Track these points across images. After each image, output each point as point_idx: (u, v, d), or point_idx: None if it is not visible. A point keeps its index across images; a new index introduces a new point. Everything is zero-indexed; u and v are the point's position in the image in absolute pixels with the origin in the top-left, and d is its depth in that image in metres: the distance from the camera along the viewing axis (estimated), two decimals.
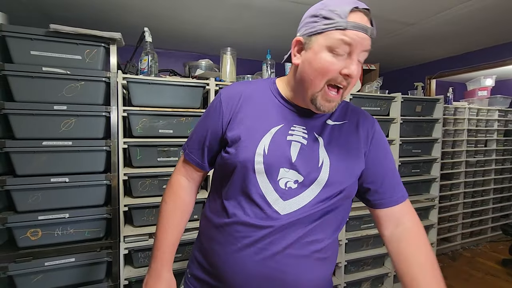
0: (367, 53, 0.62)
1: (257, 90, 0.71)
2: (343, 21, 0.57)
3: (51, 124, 1.15)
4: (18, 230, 1.12)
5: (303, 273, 0.62)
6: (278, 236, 0.61)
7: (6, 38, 1.09)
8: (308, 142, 0.65)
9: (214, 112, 0.70)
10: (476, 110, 3.23)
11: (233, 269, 0.63)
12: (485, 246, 3.24)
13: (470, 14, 1.88)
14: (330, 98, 0.62)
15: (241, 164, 0.63)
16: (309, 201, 0.62)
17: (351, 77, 0.59)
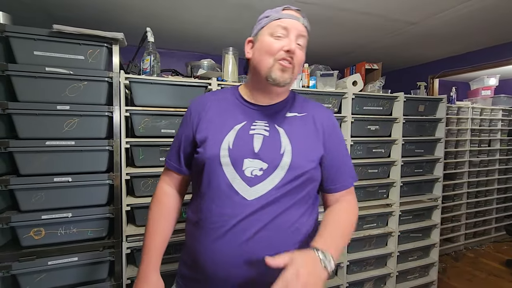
0: (305, 39, 0.75)
1: (222, 97, 0.82)
2: (278, 14, 0.73)
3: (54, 124, 1.15)
4: (21, 229, 1.13)
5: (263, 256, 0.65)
6: (248, 222, 0.67)
7: (9, 39, 1.09)
8: (270, 133, 0.74)
9: (185, 121, 0.81)
10: (480, 109, 3.21)
11: (212, 260, 0.68)
12: (489, 246, 3.22)
13: (472, 13, 1.87)
14: (283, 68, 0.71)
15: (209, 159, 0.71)
16: (275, 185, 0.69)
17: (291, 52, 0.70)
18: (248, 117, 0.76)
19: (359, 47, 2.63)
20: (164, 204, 0.82)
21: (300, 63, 0.74)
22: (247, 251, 0.66)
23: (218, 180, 0.69)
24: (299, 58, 0.73)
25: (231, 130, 0.73)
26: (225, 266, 0.67)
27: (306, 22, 0.75)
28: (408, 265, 2.04)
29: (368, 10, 1.83)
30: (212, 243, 0.68)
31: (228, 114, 0.77)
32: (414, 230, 2.08)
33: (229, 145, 0.71)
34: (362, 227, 1.91)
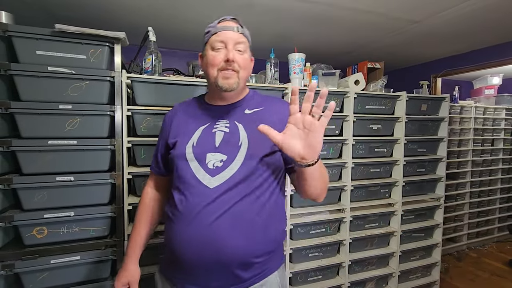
0: (244, 44, 0.84)
1: (189, 105, 0.95)
2: (214, 28, 0.83)
3: (56, 123, 1.16)
4: (24, 228, 1.13)
5: (230, 240, 0.74)
6: (211, 207, 0.75)
7: (12, 38, 1.10)
8: (230, 129, 0.84)
9: (161, 129, 0.96)
10: (483, 108, 3.19)
11: (181, 243, 0.77)
12: (492, 246, 3.20)
13: (475, 12, 1.86)
14: (225, 75, 0.81)
15: (177, 157, 0.83)
16: (233, 173, 0.77)
17: (230, 60, 0.79)
18: (211, 118, 0.88)
19: (361, 46, 2.62)
20: (145, 205, 0.96)
21: (244, 66, 0.83)
22: (210, 234, 0.74)
23: (186, 174, 0.80)
24: (240, 62, 0.82)
25: (196, 131, 0.85)
26: (192, 247, 0.75)
27: (242, 29, 0.85)
28: (410, 265, 2.04)
29: (370, 9, 1.82)
30: (181, 229, 0.77)
31: (194, 118, 0.89)
32: (416, 230, 2.07)
33: (193, 144, 0.83)
34: (363, 227, 1.91)
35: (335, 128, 1.79)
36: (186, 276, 0.78)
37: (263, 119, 0.84)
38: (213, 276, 0.76)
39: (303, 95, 1.73)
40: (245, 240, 0.75)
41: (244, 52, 0.84)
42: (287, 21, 2.02)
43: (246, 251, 0.76)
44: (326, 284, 1.78)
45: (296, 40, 2.41)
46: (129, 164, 1.37)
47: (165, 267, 0.86)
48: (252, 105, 0.90)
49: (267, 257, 0.81)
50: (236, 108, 0.89)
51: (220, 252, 0.74)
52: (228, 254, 0.74)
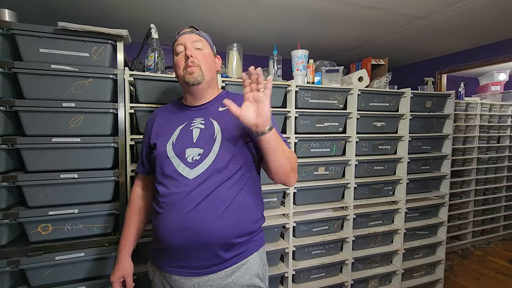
0: (202, 42, 0.95)
1: (168, 108, 1.04)
2: (175, 39, 0.96)
3: (60, 121, 1.16)
4: (29, 225, 1.15)
5: (209, 223, 0.81)
6: (190, 196, 0.82)
7: (15, 36, 1.10)
8: (205, 126, 0.92)
9: (144, 132, 1.04)
10: (489, 105, 3.15)
11: (164, 231, 0.84)
12: (497, 244, 3.18)
13: (481, 7, 1.83)
14: (188, 71, 0.90)
15: (159, 155, 0.90)
16: (210, 164, 0.85)
17: (189, 56, 0.90)
18: (188, 118, 0.95)
19: (365, 43, 2.59)
20: (134, 204, 1.02)
21: (204, 60, 0.93)
22: (192, 218, 0.81)
23: (168, 169, 0.87)
24: (200, 57, 0.92)
25: (175, 130, 0.93)
26: (175, 233, 0.82)
27: (197, 31, 0.96)
28: (414, 263, 2.03)
29: (374, 5, 1.80)
30: (165, 217, 0.84)
31: (173, 119, 0.97)
32: (420, 228, 2.06)
33: (173, 142, 0.90)
34: (367, 225, 1.90)
35: (338, 125, 1.78)
36: (172, 260, 0.86)
37: (231, 115, 0.86)
38: (196, 257, 0.83)
39: (307, 92, 1.72)
40: (225, 221, 0.83)
41: (202, 49, 0.94)
42: (290, 17, 2.01)
43: (226, 232, 0.83)
44: (329, 281, 1.78)
45: (299, 37, 2.40)
46: (132, 162, 1.37)
47: (154, 254, 0.93)
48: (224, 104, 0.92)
49: (247, 238, 0.89)
50: (210, 106, 0.97)
51: (201, 234, 0.81)
52: (210, 236, 0.81)
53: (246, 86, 0.80)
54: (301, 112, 1.64)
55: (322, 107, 1.73)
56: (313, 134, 1.70)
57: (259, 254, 0.93)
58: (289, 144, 1.34)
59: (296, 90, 1.62)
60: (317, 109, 1.70)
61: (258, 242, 0.93)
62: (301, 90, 1.65)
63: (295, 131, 1.64)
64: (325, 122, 1.74)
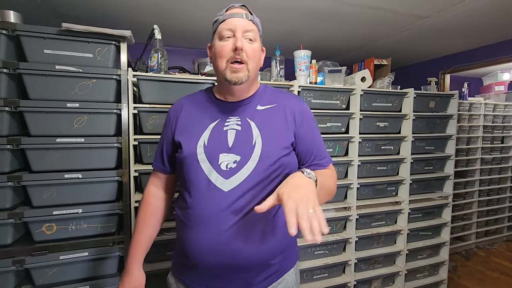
0: (254, 32, 0.78)
1: (196, 99, 0.88)
2: (222, 16, 0.77)
3: (64, 121, 1.17)
4: (34, 224, 1.16)
5: (248, 245, 0.73)
6: (226, 214, 0.72)
7: (20, 37, 1.11)
8: (242, 127, 0.78)
9: (166, 124, 0.88)
10: (493, 105, 3.13)
11: (193, 247, 0.74)
12: (501, 245, 3.15)
13: (485, 6, 1.82)
14: (234, 69, 0.75)
15: (187, 158, 0.77)
16: (248, 175, 0.73)
17: (239, 48, 0.73)
18: (221, 115, 0.82)
19: (368, 43, 2.58)
20: (149, 205, 0.89)
21: (253, 57, 0.77)
22: (224, 242, 0.72)
23: (197, 176, 0.75)
24: (249, 52, 0.76)
25: (206, 129, 0.79)
26: (207, 253, 0.73)
27: (251, 16, 0.78)
28: (418, 264, 2.02)
29: (377, 5, 1.79)
30: (196, 233, 0.74)
31: (203, 113, 0.83)
32: (424, 228, 2.05)
33: (204, 143, 0.77)
34: (370, 225, 1.89)
35: (341, 125, 1.78)
36: (203, 279, 0.76)
37: (276, 116, 0.81)
38: (230, 278, 0.75)
39: (309, 92, 1.72)
40: (261, 246, 0.74)
41: (254, 41, 0.78)
42: (293, 18, 2.01)
43: (262, 256, 0.75)
44: (332, 282, 1.78)
45: (301, 37, 2.39)
46: (136, 162, 1.38)
47: (179, 269, 0.83)
48: (264, 101, 0.84)
49: (283, 256, 0.80)
50: (248, 104, 0.83)
51: (238, 257, 0.72)
52: (248, 260, 0.73)
53: None
54: None
55: (325, 107, 1.73)
56: None
57: (295, 269, 0.84)
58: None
59: (298, 90, 1.62)
60: (319, 109, 1.70)
61: (294, 256, 0.86)
62: (303, 90, 1.65)
63: None
64: (328, 122, 1.74)
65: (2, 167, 1.11)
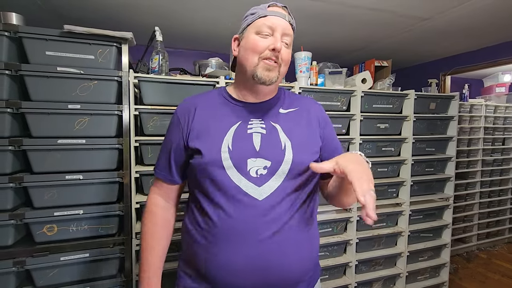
0: (291, 37, 0.74)
1: (210, 99, 0.78)
2: (264, 11, 0.71)
3: (65, 122, 1.17)
4: (35, 225, 1.16)
5: (290, 258, 0.68)
6: (263, 223, 0.66)
7: (22, 39, 1.12)
8: (267, 131, 0.73)
9: (173, 128, 0.77)
10: (494, 107, 3.13)
11: (222, 268, 0.66)
12: (502, 247, 3.14)
13: (486, 8, 1.82)
14: (268, 66, 0.70)
15: (210, 165, 0.68)
16: (282, 182, 0.68)
17: (277, 51, 0.69)
18: (242, 116, 0.75)
19: (369, 44, 2.59)
20: (158, 216, 0.78)
21: (286, 62, 0.74)
22: (262, 254, 0.65)
23: (224, 184, 0.67)
24: (284, 57, 0.72)
25: (228, 132, 0.71)
26: (239, 273, 0.65)
27: (292, 19, 0.75)
28: (419, 266, 2.01)
29: (378, 7, 1.80)
30: (224, 250, 0.66)
31: (220, 115, 0.74)
32: (425, 230, 2.04)
33: (229, 147, 0.69)
34: (371, 227, 1.89)
35: (342, 127, 1.78)
36: None
37: (301, 120, 0.78)
38: None
39: (310, 94, 1.72)
40: (297, 260, 0.70)
41: (289, 46, 0.74)
42: (295, 19, 2.01)
43: (298, 272, 0.70)
44: (332, 284, 1.77)
45: (302, 39, 2.40)
46: (137, 163, 1.38)
47: None
48: (286, 104, 0.80)
49: (314, 270, 0.77)
50: (269, 106, 0.77)
51: (272, 275, 0.66)
52: (281, 277, 0.67)
53: None
54: None
55: (326, 109, 1.69)
56: None
57: (320, 281, 0.81)
58: None
59: (299, 91, 1.62)
60: None
61: (318, 268, 0.81)
62: (304, 92, 1.65)
63: None
64: None
65: (4, 168, 1.11)
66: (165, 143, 0.79)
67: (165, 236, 0.78)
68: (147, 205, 0.80)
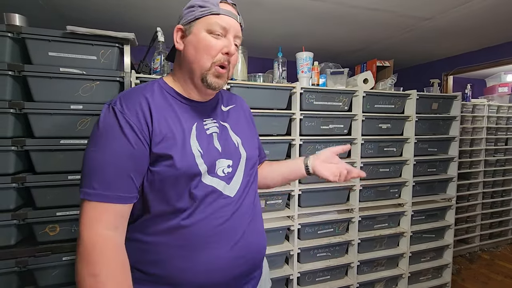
0: (240, 40, 0.73)
1: (156, 96, 0.69)
2: (216, 7, 0.67)
3: (68, 123, 1.18)
4: (37, 225, 1.16)
5: (259, 237, 0.76)
6: (237, 217, 0.70)
7: (25, 40, 1.12)
8: (219, 130, 0.74)
9: (123, 132, 0.61)
10: (496, 107, 3.11)
11: (206, 269, 0.65)
12: (505, 248, 3.12)
13: (489, 8, 1.81)
14: (219, 74, 0.69)
15: (186, 171, 0.64)
16: (242, 176, 0.74)
17: (230, 55, 0.68)
18: (196, 117, 0.71)
19: (370, 44, 2.58)
20: (121, 254, 0.60)
21: (234, 64, 0.73)
22: (247, 244, 0.71)
23: (201, 188, 0.65)
24: (234, 61, 0.71)
25: (190, 134, 0.68)
26: (223, 269, 0.67)
27: (242, 21, 0.74)
28: (421, 266, 2.01)
29: (379, 7, 1.79)
30: (203, 252, 0.65)
31: (174, 116, 0.68)
32: (427, 231, 2.03)
33: (199, 151, 0.67)
34: (373, 227, 1.89)
35: (343, 127, 1.77)
36: None
37: (241, 118, 0.84)
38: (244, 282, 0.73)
39: (311, 94, 1.71)
40: (263, 236, 0.79)
41: (238, 49, 0.73)
42: (295, 19, 2.01)
43: (264, 246, 0.79)
44: (334, 284, 1.77)
45: (304, 39, 2.40)
46: None
47: None
48: (225, 101, 0.84)
49: None
50: (214, 104, 0.79)
51: (256, 255, 0.74)
52: (257, 257, 0.75)
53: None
54: (306, 114, 1.64)
55: (327, 109, 1.73)
56: (318, 136, 1.69)
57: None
58: (294, 146, 1.54)
59: (301, 92, 1.62)
60: (322, 111, 1.70)
61: None
62: (306, 92, 1.65)
63: (300, 133, 1.64)
64: (330, 124, 1.74)
65: (6, 168, 1.12)
66: (108, 152, 0.60)
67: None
68: (95, 246, 0.57)
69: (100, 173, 0.59)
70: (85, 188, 0.59)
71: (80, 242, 0.58)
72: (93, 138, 0.62)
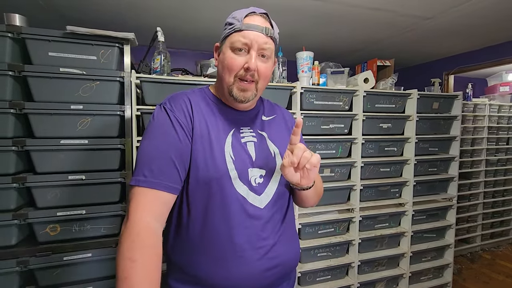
0: (269, 50, 0.70)
1: (199, 100, 0.74)
2: (239, 24, 0.68)
3: (68, 123, 1.18)
4: (38, 225, 1.16)
5: (290, 253, 0.74)
6: (266, 229, 0.69)
7: (26, 40, 1.12)
8: (257, 139, 0.75)
9: (173, 126, 0.67)
10: (498, 106, 3.11)
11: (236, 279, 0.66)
12: (507, 248, 3.12)
13: (489, 7, 1.80)
14: (242, 87, 0.69)
15: (216, 175, 0.66)
16: (276, 188, 0.72)
17: (250, 70, 0.68)
18: (234, 124, 0.74)
19: (371, 44, 2.58)
20: (154, 250, 0.60)
21: (265, 76, 0.72)
22: (271, 257, 0.69)
23: (231, 196, 0.66)
24: (262, 72, 0.70)
25: (226, 140, 0.70)
26: (251, 279, 0.67)
27: (271, 30, 0.70)
28: (422, 266, 2.00)
29: (380, 6, 1.79)
30: (232, 263, 0.66)
31: (216, 121, 0.72)
32: (428, 230, 2.03)
33: (231, 157, 0.69)
34: (373, 227, 1.88)
35: (344, 127, 1.77)
36: None
37: (281, 128, 0.83)
38: None
39: (312, 94, 1.71)
40: (295, 252, 0.77)
41: (268, 59, 0.71)
42: (296, 19, 2.01)
43: (295, 261, 0.78)
44: (335, 284, 1.77)
45: (304, 39, 2.40)
46: None
47: None
48: (266, 111, 0.84)
49: None
50: (254, 114, 0.79)
51: (286, 268, 0.73)
52: (289, 269, 0.75)
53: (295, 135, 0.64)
54: (307, 113, 1.64)
55: (328, 109, 1.73)
56: (318, 136, 1.69)
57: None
58: None
59: (301, 91, 1.62)
60: (322, 111, 1.70)
61: None
62: (306, 92, 1.64)
63: None
64: (331, 124, 1.73)
65: (7, 168, 1.12)
66: (159, 144, 0.65)
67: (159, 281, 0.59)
68: (138, 231, 0.59)
69: (151, 163, 0.63)
70: (136, 176, 0.63)
71: (128, 226, 0.60)
72: (146, 133, 0.68)
